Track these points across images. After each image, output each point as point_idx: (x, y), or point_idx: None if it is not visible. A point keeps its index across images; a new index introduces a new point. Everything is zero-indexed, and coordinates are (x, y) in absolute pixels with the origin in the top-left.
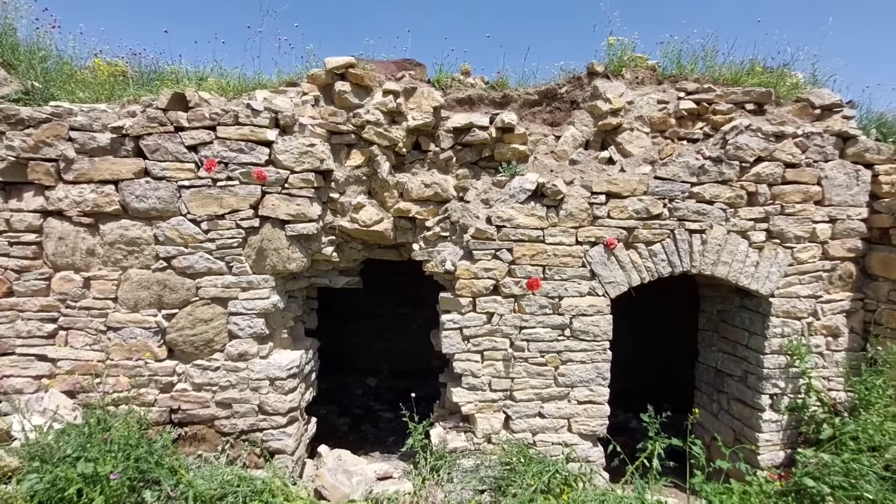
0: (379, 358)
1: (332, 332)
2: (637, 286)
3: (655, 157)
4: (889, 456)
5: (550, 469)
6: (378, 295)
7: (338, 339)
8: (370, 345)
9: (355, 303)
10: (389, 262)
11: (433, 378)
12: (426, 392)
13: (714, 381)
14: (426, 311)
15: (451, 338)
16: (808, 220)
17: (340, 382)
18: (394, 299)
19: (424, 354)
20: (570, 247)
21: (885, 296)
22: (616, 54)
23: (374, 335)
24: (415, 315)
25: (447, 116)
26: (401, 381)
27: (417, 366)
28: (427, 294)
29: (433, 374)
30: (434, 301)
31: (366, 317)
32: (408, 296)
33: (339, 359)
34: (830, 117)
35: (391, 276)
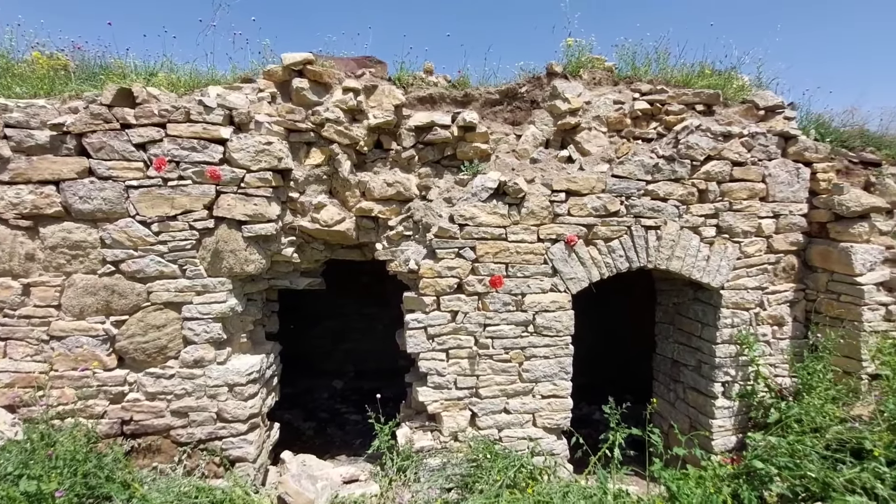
0: (345, 359)
1: (296, 335)
2: (597, 282)
3: (612, 155)
4: (829, 436)
5: (516, 464)
6: (343, 295)
7: (302, 342)
8: (336, 346)
9: (320, 304)
10: (353, 262)
11: (400, 378)
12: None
13: (671, 371)
14: (392, 311)
15: (416, 337)
16: (754, 216)
17: (306, 386)
18: (359, 299)
19: (391, 354)
20: (532, 244)
21: (823, 286)
22: (574, 55)
23: (340, 336)
24: (380, 315)
25: (409, 115)
26: (367, 382)
27: (384, 366)
28: (392, 293)
29: (400, 374)
30: (399, 300)
31: (331, 318)
32: (373, 296)
33: (304, 361)
34: (773, 118)
35: (355, 276)
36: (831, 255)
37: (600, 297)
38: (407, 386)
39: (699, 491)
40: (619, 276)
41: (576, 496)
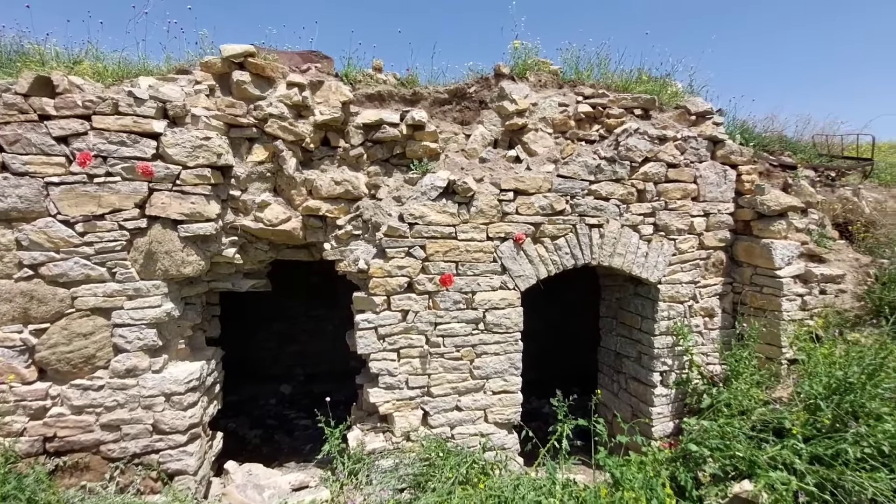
0: (293, 363)
1: (241, 339)
2: (545, 279)
3: (558, 156)
4: (755, 418)
5: (468, 460)
6: (290, 297)
7: (247, 346)
8: (283, 349)
9: (265, 306)
10: (300, 262)
11: (352, 380)
12: (344, 395)
13: (614, 363)
14: (342, 312)
15: (367, 338)
16: (687, 215)
17: (252, 392)
18: (307, 301)
19: (341, 356)
20: (482, 243)
21: (748, 279)
22: (521, 57)
23: (288, 339)
24: (330, 316)
25: (357, 112)
26: (317, 385)
27: (335, 368)
28: (342, 294)
29: (351, 376)
30: (349, 301)
31: (277, 320)
32: (322, 296)
33: (249, 367)
34: (704, 123)
35: (303, 276)
36: (754, 251)
37: (549, 293)
38: (358, 388)
39: (640, 476)
40: (566, 273)
41: (526, 488)
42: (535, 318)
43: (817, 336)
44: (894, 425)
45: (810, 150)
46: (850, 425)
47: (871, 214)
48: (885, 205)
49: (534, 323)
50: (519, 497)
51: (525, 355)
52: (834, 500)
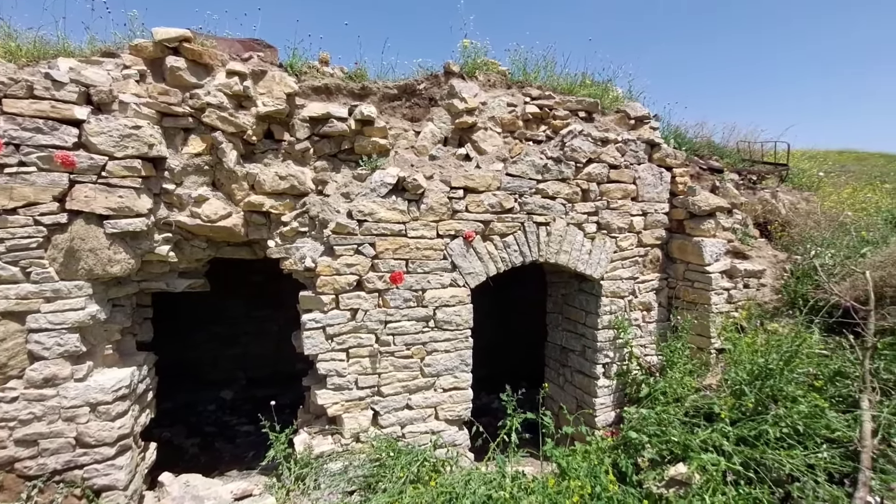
0: (234, 367)
1: (176, 343)
2: (494, 276)
3: (506, 155)
4: (688, 404)
5: (419, 458)
6: (231, 297)
7: (185, 350)
8: (223, 352)
9: (204, 307)
10: (242, 260)
11: (298, 383)
12: (290, 398)
13: (560, 357)
14: (287, 312)
15: (314, 338)
16: (627, 214)
17: (189, 399)
18: (249, 301)
19: (287, 358)
20: (432, 240)
21: (681, 275)
22: (470, 56)
23: (228, 341)
24: (274, 316)
25: (302, 105)
26: (261, 389)
27: (279, 371)
28: (288, 293)
29: (298, 379)
30: (295, 300)
31: (217, 322)
32: (266, 296)
33: (187, 372)
34: (642, 127)
35: (245, 275)
36: (687, 248)
37: (499, 291)
38: (305, 390)
39: (585, 464)
40: (516, 271)
41: (477, 483)
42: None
43: (741, 327)
44: (808, 406)
45: (735, 155)
46: (770, 408)
47: (787, 215)
48: (799, 206)
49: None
50: (470, 492)
51: (475, 352)
52: (757, 477)
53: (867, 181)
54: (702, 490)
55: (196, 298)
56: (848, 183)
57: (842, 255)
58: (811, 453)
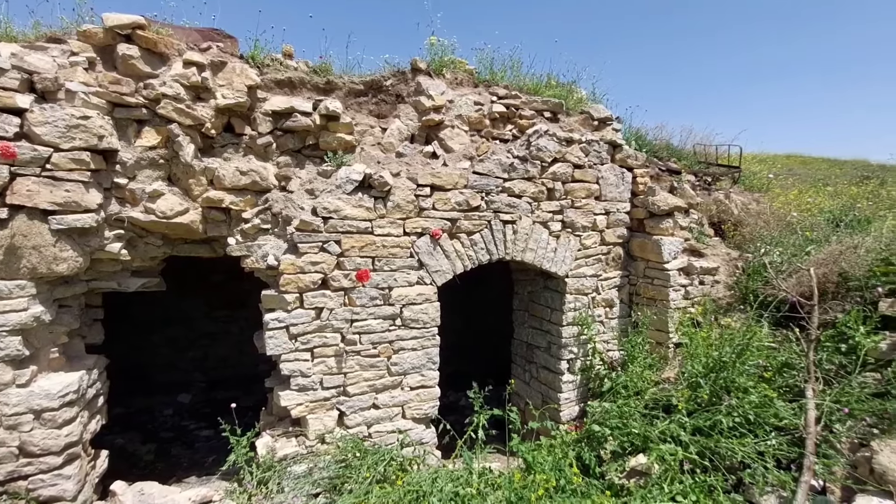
0: (193, 369)
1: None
2: (461, 273)
3: (473, 153)
4: (647, 397)
5: (385, 458)
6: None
7: (140, 353)
8: (182, 355)
9: (160, 308)
10: (201, 259)
11: (260, 385)
12: (253, 401)
13: (526, 354)
14: (249, 312)
15: (277, 338)
16: (591, 213)
17: (144, 404)
18: (209, 301)
19: (249, 360)
20: (399, 238)
21: (641, 272)
22: (437, 54)
23: (187, 344)
24: (236, 317)
25: (265, 98)
26: (222, 392)
27: (242, 373)
28: (250, 293)
29: (260, 381)
30: (257, 300)
31: (174, 323)
32: (227, 296)
33: (142, 375)
34: (605, 128)
35: (204, 274)
36: (647, 246)
37: (466, 289)
38: (268, 391)
39: (550, 458)
40: (483, 269)
41: (444, 480)
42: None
43: (697, 322)
44: (758, 397)
45: (691, 157)
46: (723, 399)
47: (739, 215)
48: (750, 207)
49: (451, 318)
50: (437, 489)
51: (443, 350)
52: (712, 465)
53: (811, 184)
54: (660, 479)
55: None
56: (794, 185)
57: (789, 253)
58: (761, 441)
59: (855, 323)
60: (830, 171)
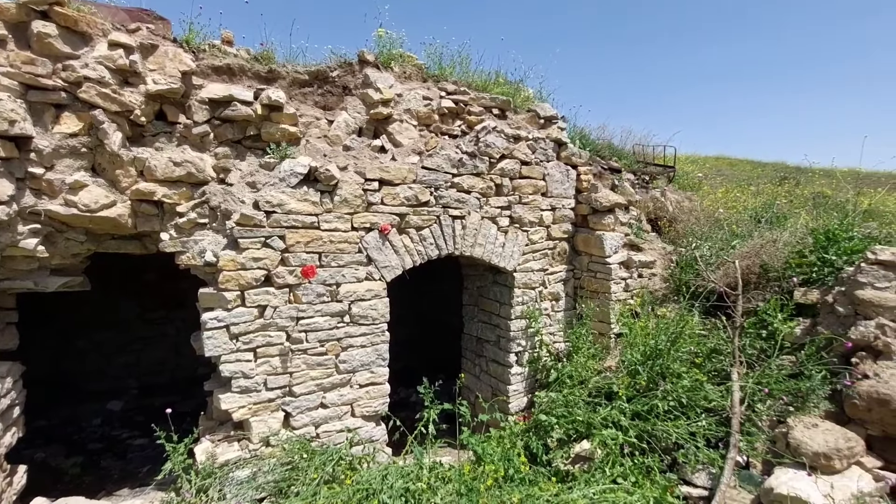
0: (125, 375)
1: (54, 351)
2: (411, 269)
3: (422, 148)
4: (591, 386)
5: (334, 457)
6: (121, 297)
7: (63, 359)
8: (112, 360)
9: (89, 310)
10: (131, 255)
11: (200, 389)
12: (192, 405)
13: (476, 348)
14: (187, 312)
15: (216, 338)
16: (538, 209)
17: (69, 414)
18: (143, 301)
19: (188, 363)
20: (346, 233)
21: (585, 266)
22: (385, 47)
23: (117, 348)
24: (172, 318)
25: (201, 85)
26: (157, 398)
27: (179, 377)
28: (187, 292)
29: (200, 384)
30: (196, 299)
31: (103, 326)
32: (162, 296)
33: (68, 383)
34: (550, 126)
35: (136, 272)
36: (590, 241)
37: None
38: (207, 395)
39: (499, 449)
40: (434, 264)
41: (394, 477)
42: (402, 309)
43: (636, 312)
44: (690, 381)
45: (631, 157)
46: (659, 384)
47: (674, 212)
48: (683, 204)
49: (402, 313)
50: (387, 486)
51: (393, 346)
52: (649, 448)
53: (737, 184)
54: (603, 463)
55: (78, 300)
56: (722, 185)
57: (717, 247)
58: (693, 422)
59: (774, 310)
60: (754, 172)
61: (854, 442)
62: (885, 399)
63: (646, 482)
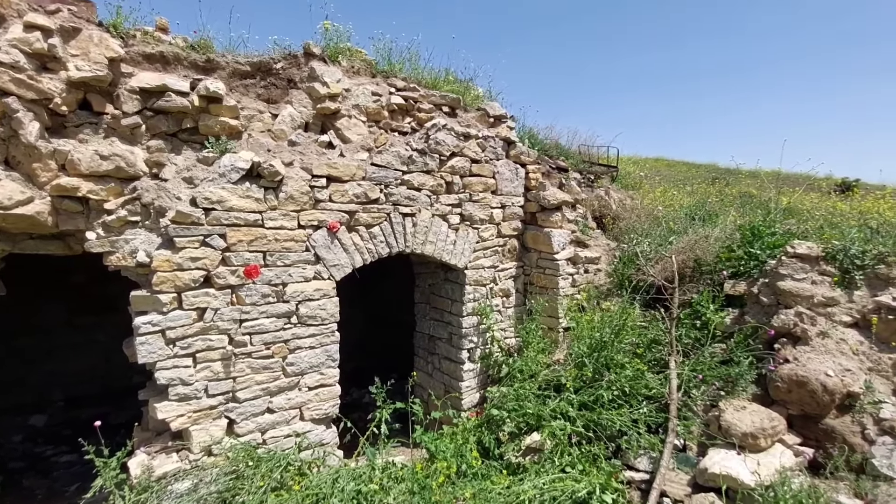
0: (50, 386)
1: None
2: (361, 267)
3: (372, 145)
4: (541, 379)
5: (282, 463)
6: (45, 302)
7: None
8: (33, 370)
9: (7, 316)
10: (54, 256)
11: (135, 399)
12: (127, 417)
13: (428, 345)
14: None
15: (151, 343)
16: (488, 206)
17: None
18: (69, 306)
19: (122, 371)
20: (293, 231)
21: (534, 263)
22: (332, 40)
23: (40, 356)
24: (102, 323)
25: (131, 73)
26: (86, 410)
27: (112, 387)
28: (119, 295)
29: (136, 394)
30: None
31: (26, 333)
32: (91, 299)
33: None
34: (500, 125)
35: (61, 275)
36: (539, 238)
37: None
38: (143, 405)
39: (452, 445)
40: (386, 263)
41: (345, 479)
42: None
43: (583, 307)
44: (632, 371)
45: (577, 156)
46: (604, 375)
47: (617, 210)
48: (625, 202)
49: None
50: (338, 490)
51: (344, 346)
52: (595, 436)
53: (674, 183)
54: (552, 454)
55: None
56: (660, 184)
57: (656, 243)
58: (635, 410)
59: (706, 302)
60: (689, 173)
61: (777, 421)
62: (803, 381)
63: (592, 469)
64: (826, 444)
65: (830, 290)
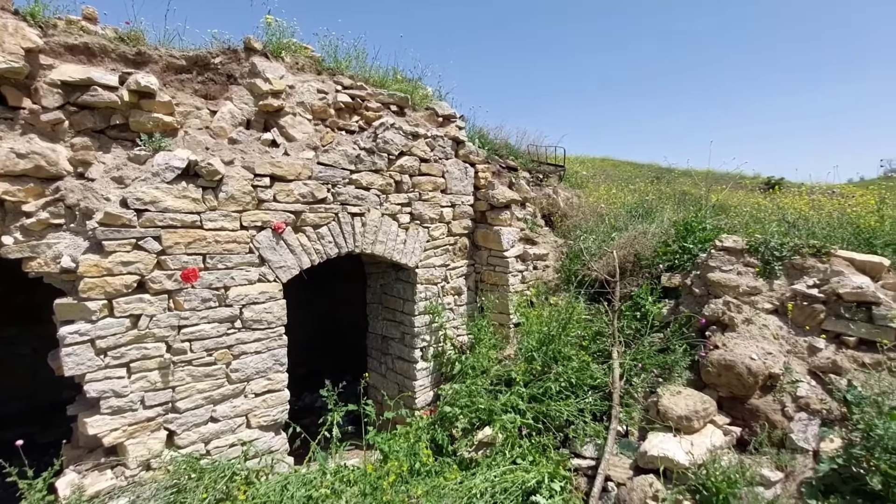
0: None
1: None
2: (310, 268)
3: (318, 143)
4: (492, 374)
5: (227, 473)
6: None
7: None
8: None
9: None
10: None
11: (64, 415)
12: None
13: (381, 346)
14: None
15: (79, 354)
16: (438, 205)
17: None
18: None
19: (49, 387)
20: (235, 232)
21: (485, 260)
22: (275, 35)
23: None
24: (26, 335)
25: (51, 65)
26: (9, 431)
27: (38, 404)
28: (44, 304)
29: (63, 410)
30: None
31: None
32: (12, 309)
33: None
34: (449, 125)
35: None
36: (489, 236)
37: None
38: (73, 421)
39: (405, 445)
40: (337, 264)
41: (295, 486)
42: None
43: (532, 302)
44: (578, 362)
45: (526, 156)
46: (552, 368)
47: (564, 208)
48: (572, 201)
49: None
50: (287, 497)
51: (295, 349)
52: (544, 427)
53: (618, 183)
54: (503, 447)
55: None
56: (605, 183)
57: (599, 239)
58: (581, 400)
59: (645, 294)
60: (633, 173)
61: (709, 404)
62: (730, 365)
63: (542, 459)
64: (751, 422)
65: (754, 279)
